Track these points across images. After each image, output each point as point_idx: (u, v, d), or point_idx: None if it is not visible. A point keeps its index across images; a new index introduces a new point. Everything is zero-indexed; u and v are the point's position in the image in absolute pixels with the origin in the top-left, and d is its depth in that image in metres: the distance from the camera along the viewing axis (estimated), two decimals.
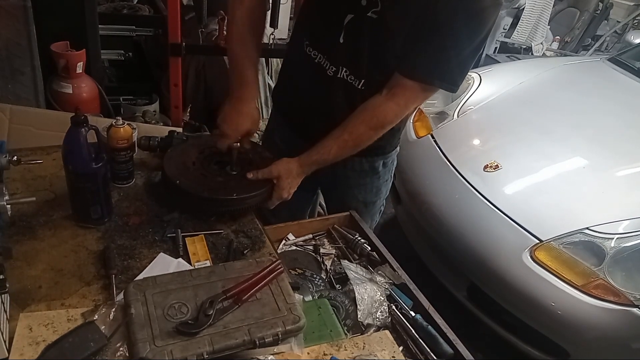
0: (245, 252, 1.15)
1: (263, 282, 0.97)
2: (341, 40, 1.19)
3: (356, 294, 1.10)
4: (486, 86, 2.78)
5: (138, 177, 1.32)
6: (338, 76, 1.24)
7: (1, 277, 0.82)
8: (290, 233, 1.36)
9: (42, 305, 0.93)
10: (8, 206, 0.96)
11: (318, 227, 1.41)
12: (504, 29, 5.06)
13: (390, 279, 1.19)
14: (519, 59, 4.45)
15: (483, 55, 4.49)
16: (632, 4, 5.94)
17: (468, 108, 2.62)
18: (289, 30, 3.27)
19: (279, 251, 1.28)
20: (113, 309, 0.92)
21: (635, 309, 1.70)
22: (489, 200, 2.02)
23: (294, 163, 1.25)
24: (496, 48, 5.08)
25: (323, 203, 1.79)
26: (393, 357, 0.98)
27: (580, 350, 1.86)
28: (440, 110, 2.72)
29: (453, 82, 1.15)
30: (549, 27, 5.25)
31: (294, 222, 1.37)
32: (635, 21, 5.73)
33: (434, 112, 2.72)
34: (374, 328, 1.07)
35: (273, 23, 2.48)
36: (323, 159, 1.24)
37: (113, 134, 1.19)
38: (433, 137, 2.47)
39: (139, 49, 2.83)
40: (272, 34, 2.54)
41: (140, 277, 1.00)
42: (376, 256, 1.28)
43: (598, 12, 5.36)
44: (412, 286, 1.17)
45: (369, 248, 1.30)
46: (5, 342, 0.82)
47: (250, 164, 1.29)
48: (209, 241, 1.16)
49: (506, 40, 5.07)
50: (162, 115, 2.67)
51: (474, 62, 1.19)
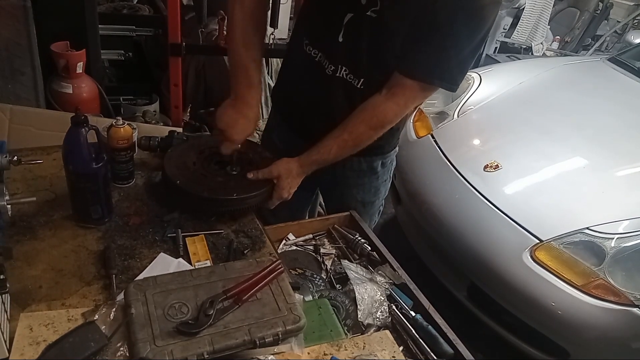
0: (245, 252, 1.15)
1: (263, 282, 0.97)
2: (340, 39, 1.19)
3: (356, 294, 1.10)
4: (486, 86, 2.77)
5: (138, 177, 1.32)
6: (337, 75, 1.24)
7: (1, 277, 0.82)
8: (290, 233, 1.36)
9: (43, 305, 0.93)
10: (8, 206, 0.96)
11: (318, 227, 1.40)
12: (504, 29, 5.06)
13: (390, 279, 1.19)
14: (519, 59, 4.45)
15: (483, 55, 4.49)
16: (632, 4, 5.94)
17: (468, 108, 2.62)
18: (289, 30, 3.27)
19: (279, 251, 1.28)
20: (113, 309, 0.92)
21: (635, 309, 1.70)
22: (489, 200, 2.02)
23: (294, 163, 1.25)
24: (496, 48, 5.07)
25: (323, 203, 1.79)
26: (393, 357, 0.98)
27: (580, 350, 1.86)
28: (440, 110, 2.72)
29: (453, 82, 1.15)
30: (549, 27, 5.25)
31: (294, 222, 1.37)
32: (635, 21, 5.73)
33: (434, 112, 2.72)
34: (374, 328, 1.07)
35: (273, 23, 2.48)
36: (323, 159, 1.24)
37: (113, 134, 1.19)
38: (433, 137, 2.47)
39: (139, 49, 2.83)
40: (272, 34, 2.54)
41: (140, 277, 1.01)
42: (376, 256, 1.28)
43: (598, 12, 5.36)
44: (412, 286, 1.17)
45: (369, 248, 1.30)
46: (5, 342, 0.82)
47: (250, 164, 1.29)
48: (209, 241, 1.16)
49: (506, 40, 5.07)
50: (162, 115, 2.67)
51: (474, 62, 1.19)
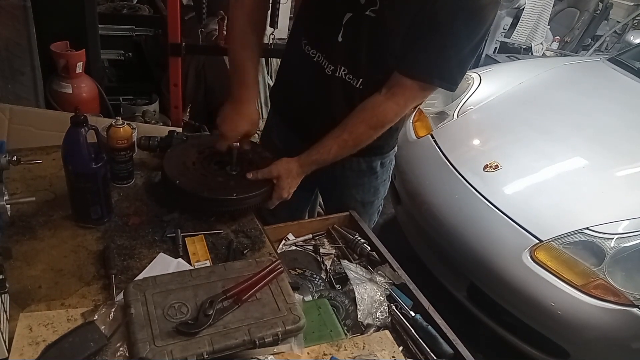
0: (245, 252, 1.15)
1: (263, 282, 0.97)
2: (340, 39, 1.19)
3: (356, 294, 1.10)
4: (486, 86, 2.77)
5: (138, 177, 1.32)
6: (336, 75, 1.24)
7: (1, 277, 0.82)
8: (290, 233, 1.35)
9: (42, 305, 0.93)
10: (8, 206, 0.96)
11: (318, 227, 1.40)
12: (504, 29, 5.06)
13: (390, 279, 1.18)
14: (519, 59, 4.44)
15: (483, 55, 4.49)
16: (632, 4, 5.94)
17: (468, 108, 2.62)
18: (289, 30, 3.26)
19: (279, 251, 1.28)
20: (113, 309, 0.92)
21: (635, 309, 1.70)
22: (489, 200, 2.02)
23: (294, 163, 1.25)
24: (496, 48, 5.07)
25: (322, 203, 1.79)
26: (393, 357, 0.98)
27: (580, 350, 1.85)
28: (440, 110, 2.72)
29: (453, 81, 1.15)
30: (549, 27, 5.24)
31: (294, 222, 1.37)
32: (635, 21, 5.73)
33: (434, 112, 2.72)
34: (374, 328, 1.07)
35: (273, 23, 2.48)
36: (323, 159, 1.24)
37: (113, 134, 1.19)
38: (433, 137, 2.47)
39: (139, 49, 2.83)
40: (272, 34, 2.54)
41: (140, 277, 1.00)
42: (376, 256, 1.28)
43: (598, 12, 5.36)
44: (412, 286, 1.17)
45: (369, 248, 1.30)
46: (5, 342, 0.82)
47: (250, 164, 1.29)
48: (209, 241, 1.16)
49: (506, 40, 5.07)
50: (162, 115, 2.67)
51: (474, 62, 1.19)
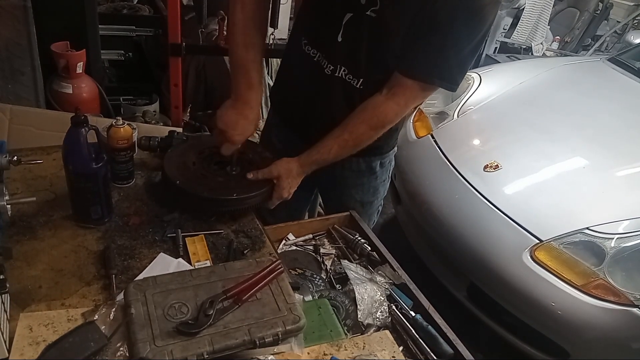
0: (245, 252, 1.15)
1: (263, 282, 0.97)
2: (339, 38, 1.19)
3: (356, 294, 1.10)
4: (486, 86, 2.77)
5: (138, 177, 1.32)
6: (336, 75, 1.24)
7: (1, 277, 0.82)
8: (290, 233, 1.35)
9: (42, 305, 0.93)
10: (8, 206, 0.96)
11: (318, 227, 1.40)
12: (504, 29, 5.06)
13: (390, 279, 1.18)
14: (519, 59, 4.45)
15: (483, 55, 4.49)
16: (632, 4, 5.94)
17: (468, 108, 2.62)
18: (289, 30, 3.26)
19: (279, 251, 1.28)
20: (113, 309, 0.92)
21: (635, 309, 1.70)
22: (489, 200, 2.02)
23: (294, 163, 1.25)
24: (496, 48, 5.07)
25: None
26: (393, 357, 0.98)
27: (580, 350, 1.85)
28: (440, 110, 2.72)
29: (453, 81, 1.15)
30: (549, 27, 5.24)
31: (294, 222, 1.37)
32: (635, 21, 5.72)
33: (434, 112, 2.72)
34: (374, 328, 1.07)
35: (273, 23, 2.48)
36: (323, 159, 1.24)
37: (113, 134, 1.19)
38: (433, 137, 2.47)
39: (139, 49, 2.83)
40: (272, 34, 2.54)
41: (140, 277, 1.00)
42: (376, 256, 1.27)
43: (598, 12, 5.36)
44: (412, 286, 1.17)
45: (369, 248, 1.30)
46: (5, 342, 0.82)
47: (250, 164, 1.29)
48: (209, 241, 1.16)
49: (506, 40, 5.07)
50: (162, 115, 2.67)
51: (474, 62, 1.19)
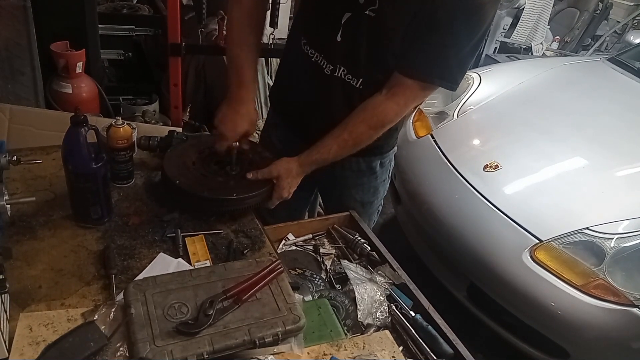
0: (245, 252, 1.15)
1: (263, 282, 0.97)
2: (339, 38, 1.19)
3: (356, 294, 1.10)
4: (486, 86, 2.77)
5: (138, 177, 1.32)
6: (336, 75, 1.24)
7: (1, 277, 0.82)
8: (290, 233, 1.35)
9: (42, 305, 0.93)
10: (8, 206, 0.96)
11: (318, 227, 1.40)
12: (504, 29, 5.06)
13: (390, 279, 1.18)
14: (519, 59, 4.44)
15: (483, 55, 4.49)
16: (632, 4, 5.94)
17: (468, 108, 2.62)
18: (289, 30, 3.27)
19: (279, 251, 1.28)
20: (113, 309, 0.92)
21: (635, 309, 1.70)
22: (489, 200, 2.02)
23: (294, 163, 1.25)
24: (496, 48, 5.07)
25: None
26: (393, 357, 0.98)
27: (580, 350, 1.85)
28: (440, 110, 2.72)
29: (453, 81, 1.15)
30: (549, 27, 5.24)
31: (294, 222, 1.37)
32: (635, 21, 5.73)
33: (434, 112, 2.72)
34: (374, 328, 1.07)
35: (273, 23, 2.48)
36: (323, 159, 1.24)
37: (113, 134, 1.19)
38: (433, 137, 2.47)
39: (139, 49, 2.83)
40: (272, 34, 2.54)
41: (140, 277, 1.00)
42: (376, 256, 1.27)
43: (598, 12, 5.36)
44: (412, 286, 1.17)
45: (369, 248, 1.30)
46: (5, 342, 0.82)
47: (250, 164, 1.29)
48: (209, 241, 1.16)
49: (506, 40, 5.07)
50: (162, 115, 2.67)
51: (474, 61, 1.19)
